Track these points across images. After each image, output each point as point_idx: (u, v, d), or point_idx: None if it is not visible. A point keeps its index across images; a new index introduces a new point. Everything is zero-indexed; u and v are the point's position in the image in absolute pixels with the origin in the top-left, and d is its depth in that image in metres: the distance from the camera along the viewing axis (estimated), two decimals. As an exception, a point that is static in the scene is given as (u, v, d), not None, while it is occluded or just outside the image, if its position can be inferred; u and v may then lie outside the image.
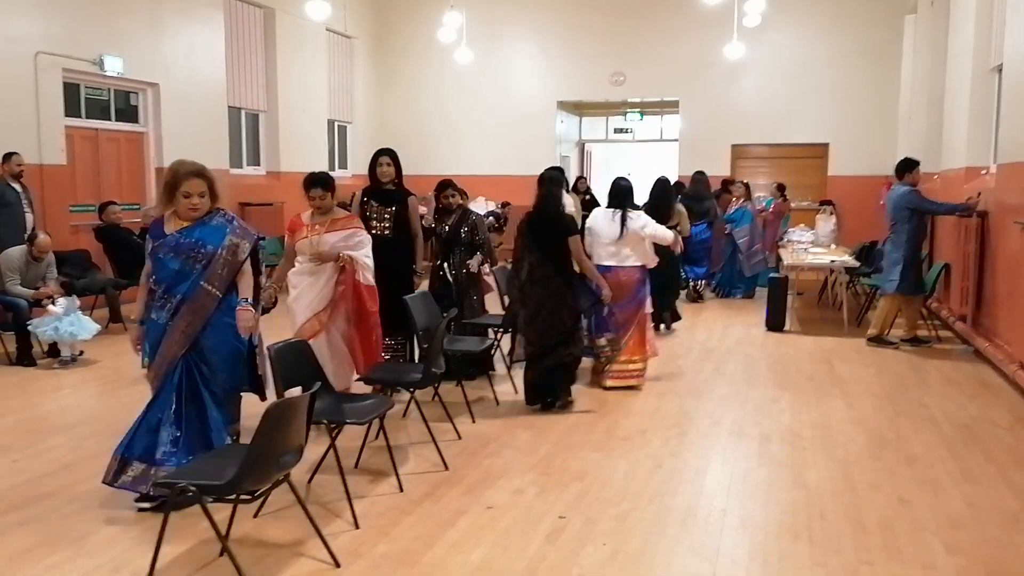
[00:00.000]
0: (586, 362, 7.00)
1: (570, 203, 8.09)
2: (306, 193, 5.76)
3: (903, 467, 5.19)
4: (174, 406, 4.31)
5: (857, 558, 3.91)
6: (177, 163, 4.48)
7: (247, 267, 4.54)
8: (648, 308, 7.12)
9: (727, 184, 13.23)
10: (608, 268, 6.77)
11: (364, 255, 5.72)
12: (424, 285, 6.92)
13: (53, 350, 7.78)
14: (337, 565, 3.74)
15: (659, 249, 7.20)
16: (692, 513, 4.44)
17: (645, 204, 9.02)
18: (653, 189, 9.53)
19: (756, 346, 8.94)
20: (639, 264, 6.92)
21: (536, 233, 6.23)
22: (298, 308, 5.67)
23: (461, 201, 7.30)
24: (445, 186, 7.30)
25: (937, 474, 5.06)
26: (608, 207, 7.03)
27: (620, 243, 6.84)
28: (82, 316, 7.74)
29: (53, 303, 7.60)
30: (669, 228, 7.71)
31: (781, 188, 13.99)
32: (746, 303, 11.94)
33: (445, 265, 7.13)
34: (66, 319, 7.48)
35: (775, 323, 9.75)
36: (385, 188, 6.60)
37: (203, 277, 4.35)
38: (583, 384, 6.93)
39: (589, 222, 7.04)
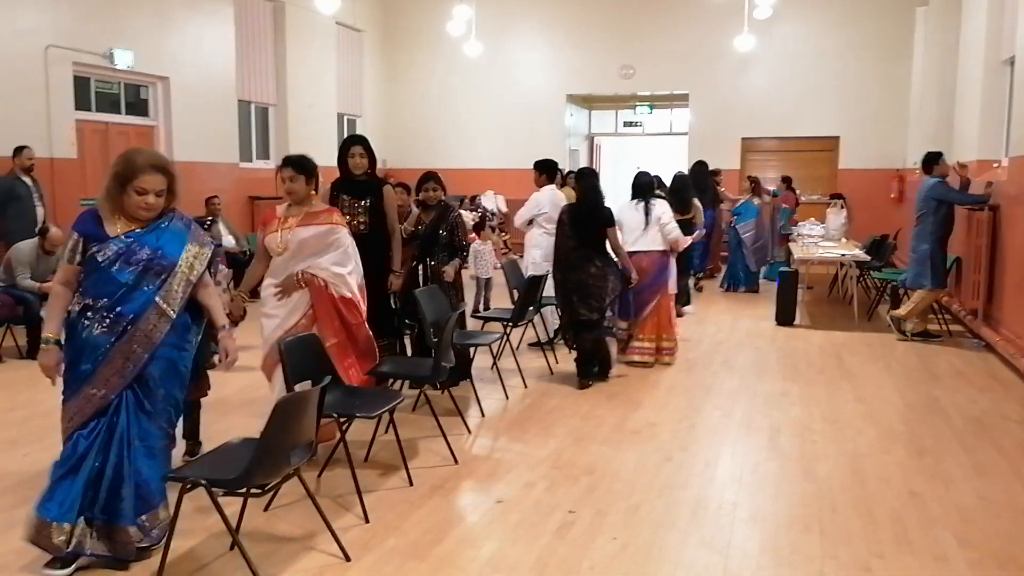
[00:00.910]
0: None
1: (562, 198, 8.18)
2: (278, 175, 5.05)
3: (914, 460, 5.17)
4: (115, 454, 3.56)
5: (868, 551, 3.90)
6: (133, 151, 3.70)
7: (210, 281, 3.91)
8: (672, 290, 7.65)
9: (713, 175, 13.05)
10: (633, 253, 7.30)
11: (333, 262, 4.94)
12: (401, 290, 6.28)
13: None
14: (347, 559, 3.75)
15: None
16: (702, 506, 4.44)
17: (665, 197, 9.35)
18: (673, 183, 10.11)
19: (766, 339, 8.92)
20: (661, 249, 7.43)
21: (576, 221, 6.86)
22: (269, 324, 5.00)
23: (443, 196, 6.74)
24: (428, 179, 6.67)
25: (948, 467, 5.05)
26: (632, 199, 7.59)
27: (646, 231, 7.42)
28: None
29: None
30: (685, 220, 8.78)
31: (786, 180, 13.93)
32: (755, 297, 11.91)
33: (420, 268, 6.53)
34: None
35: (785, 317, 9.72)
36: (357, 179, 5.98)
37: (159, 293, 3.59)
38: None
39: (616, 214, 7.26)
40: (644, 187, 7.63)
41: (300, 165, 4.94)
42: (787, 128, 16.02)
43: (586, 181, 7.14)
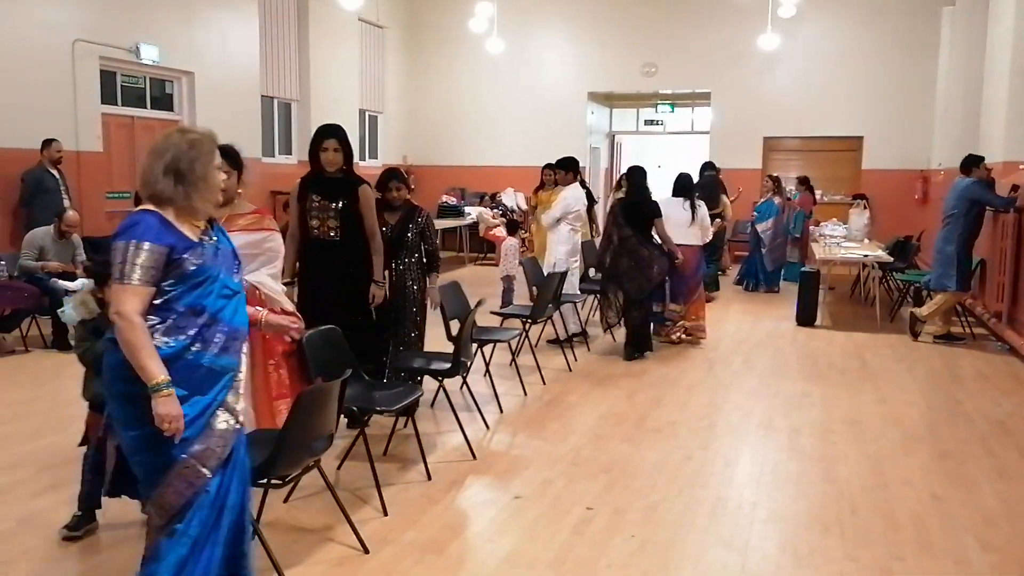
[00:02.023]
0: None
1: (581, 197, 8.22)
2: None
3: (936, 463, 5.13)
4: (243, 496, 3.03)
5: (888, 553, 3.87)
6: (181, 129, 2.97)
7: None
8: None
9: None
10: (678, 246, 8.05)
11: (271, 275, 4.22)
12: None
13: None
14: (366, 551, 3.76)
15: None
16: (722, 505, 4.42)
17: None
18: (701, 180, 10.99)
19: (786, 340, 8.87)
20: (699, 244, 8.42)
21: (628, 214, 7.78)
22: None
23: (408, 195, 5.90)
24: (391, 176, 5.81)
25: (970, 470, 5.00)
26: (674, 196, 8.43)
27: (691, 227, 8.29)
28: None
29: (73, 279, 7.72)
30: (715, 213, 10.37)
31: (804, 181, 13.80)
32: (775, 297, 11.85)
33: (385, 273, 5.60)
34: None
35: (806, 318, 9.67)
36: (330, 176, 5.21)
37: None
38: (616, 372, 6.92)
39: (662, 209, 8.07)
40: (687, 187, 8.54)
41: (233, 158, 4.01)
42: (810, 128, 15.89)
43: (635, 179, 7.97)
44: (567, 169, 8.46)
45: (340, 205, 5.17)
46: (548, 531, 4.06)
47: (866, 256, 10.45)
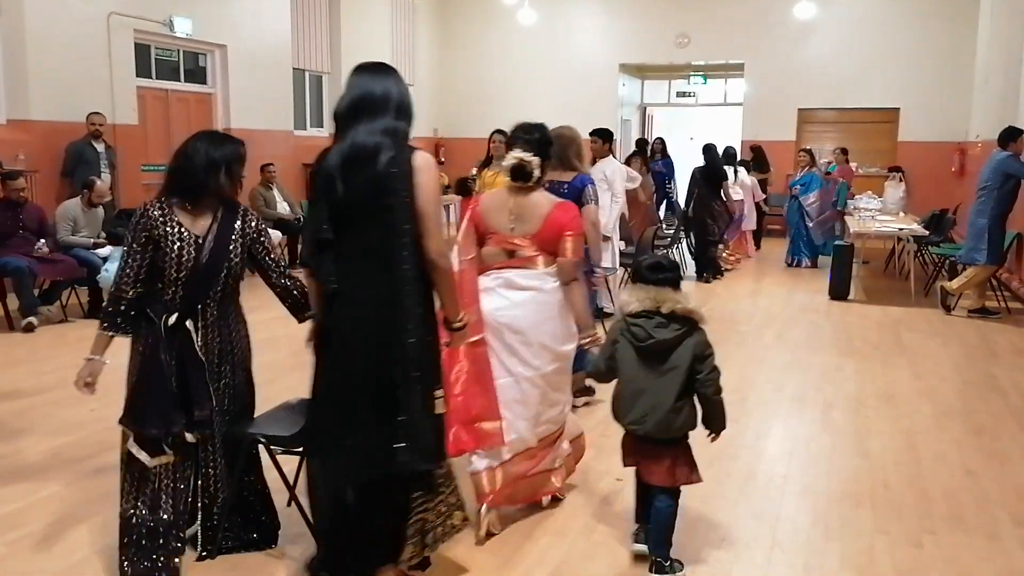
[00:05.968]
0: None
1: (620, 170, 8.17)
2: (507, 148, 3.92)
3: (970, 438, 5.11)
4: None
5: (920, 527, 3.88)
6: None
7: None
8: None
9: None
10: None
11: None
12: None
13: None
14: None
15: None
16: (752, 477, 4.44)
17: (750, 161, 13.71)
18: (755, 152, 14.18)
19: (820, 314, 8.82)
20: (740, 198, 11.79)
21: (705, 178, 10.98)
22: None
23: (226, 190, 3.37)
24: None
25: (1004, 446, 4.98)
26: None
27: (733, 185, 11.55)
28: None
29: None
30: (765, 177, 13.85)
31: (844, 151, 13.61)
32: (808, 271, 11.76)
33: (175, 321, 3.34)
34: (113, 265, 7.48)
35: (839, 291, 9.59)
36: None
37: None
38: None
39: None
40: (731, 156, 11.88)
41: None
42: (845, 99, 15.67)
43: (710, 153, 11.10)
44: (604, 139, 8.22)
45: None
46: (578, 500, 4.10)
47: (901, 229, 10.33)
